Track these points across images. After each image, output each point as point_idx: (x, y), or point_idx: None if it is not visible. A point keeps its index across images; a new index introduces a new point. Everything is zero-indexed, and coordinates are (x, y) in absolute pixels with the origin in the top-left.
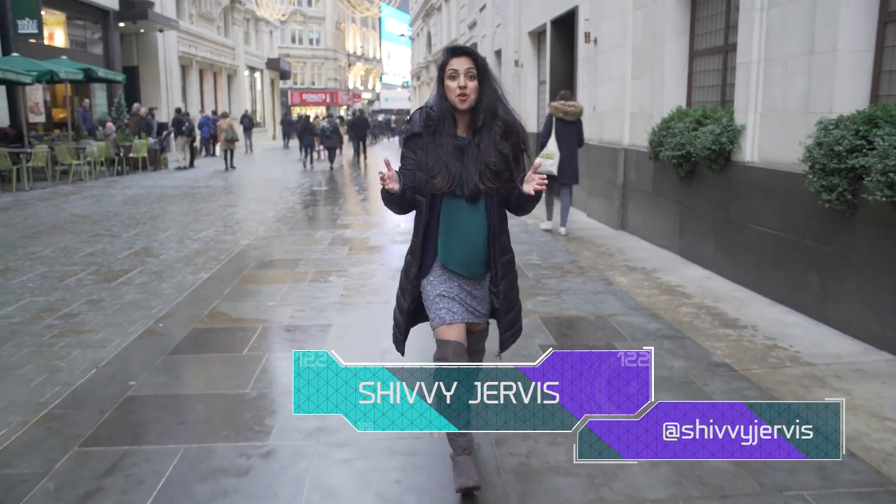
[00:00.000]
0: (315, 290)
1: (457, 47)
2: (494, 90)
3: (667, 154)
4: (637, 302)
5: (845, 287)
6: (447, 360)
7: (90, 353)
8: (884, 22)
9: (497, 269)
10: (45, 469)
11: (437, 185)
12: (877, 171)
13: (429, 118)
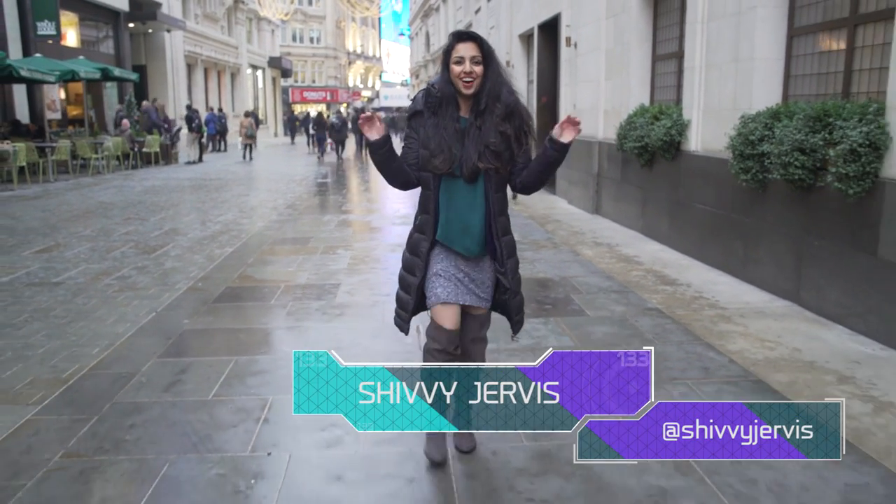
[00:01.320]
0: (326, 260)
1: (463, 32)
2: (499, 74)
3: (629, 145)
4: (597, 268)
5: (760, 250)
6: (440, 342)
7: (147, 302)
8: (790, 36)
9: (501, 248)
10: (136, 370)
11: (438, 165)
12: (774, 156)
13: (429, 96)
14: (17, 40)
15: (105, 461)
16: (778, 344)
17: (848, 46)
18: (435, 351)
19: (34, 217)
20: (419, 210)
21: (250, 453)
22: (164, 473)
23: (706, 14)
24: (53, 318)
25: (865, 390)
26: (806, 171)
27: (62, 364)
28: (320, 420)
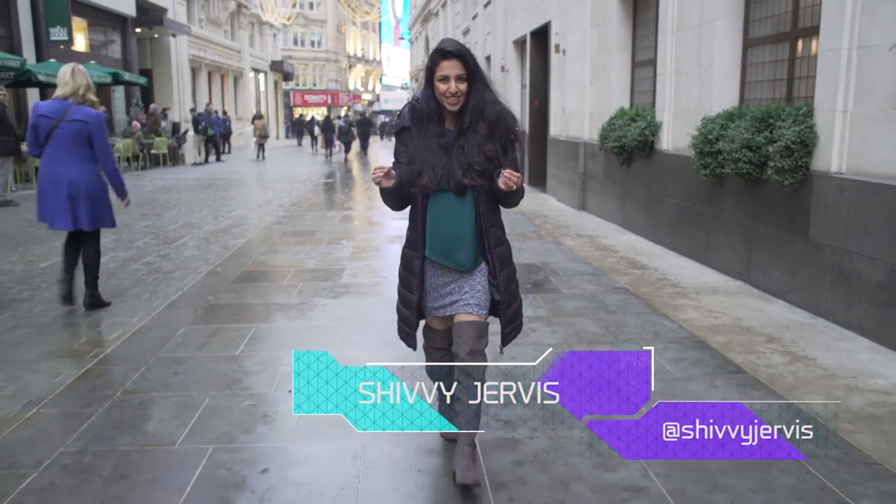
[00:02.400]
0: (331, 249)
1: (447, 50)
2: (483, 89)
3: (609, 145)
4: (576, 255)
5: (719, 238)
6: (435, 341)
7: (174, 283)
8: (745, 46)
9: (493, 260)
10: (172, 334)
11: (425, 183)
12: (727, 152)
13: (414, 111)
14: (31, 45)
15: (157, 396)
16: (723, 314)
17: (790, 56)
18: (433, 348)
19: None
20: (409, 225)
21: (273, 391)
22: (205, 405)
23: (675, 25)
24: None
25: (787, 347)
26: (752, 165)
27: (108, 330)
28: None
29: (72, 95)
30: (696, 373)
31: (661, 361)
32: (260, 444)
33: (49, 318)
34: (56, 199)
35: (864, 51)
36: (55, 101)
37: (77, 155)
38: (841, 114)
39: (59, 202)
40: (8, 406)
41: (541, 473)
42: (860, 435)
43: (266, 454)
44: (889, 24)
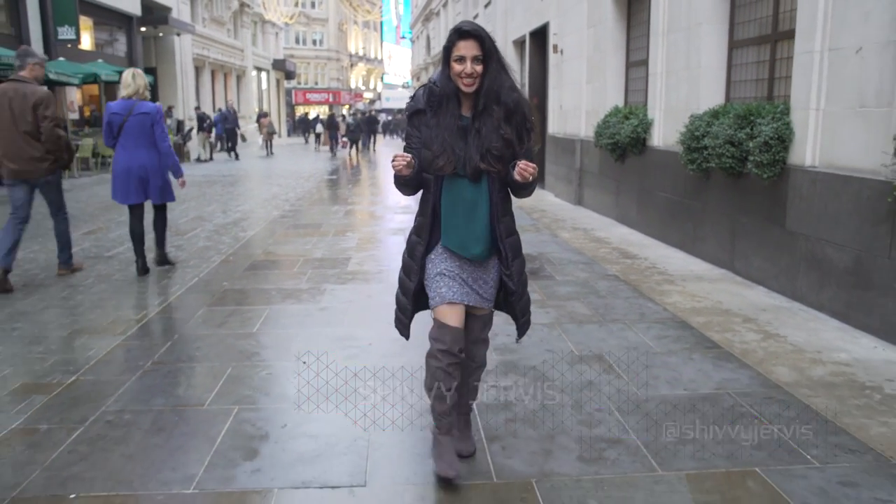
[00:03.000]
0: (337, 240)
1: (464, 29)
2: (499, 72)
3: (604, 142)
4: (571, 246)
5: (705, 229)
6: (444, 342)
7: (189, 271)
8: (731, 48)
9: (506, 250)
10: (192, 315)
11: (442, 166)
12: (711, 148)
13: (431, 94)
14: (40, 43)
15: (184, 366)
16: (705, 299)
17: (771, 58)
18: (439, 352)
19: (72, 207)
20: (419, 211)
21: (289, 363)
22: (228, 374)
23: (666, 27)
24: (115, 281)
25: (761, 327)
26: (734, 160)
27: (133, 311)
28: (342, 344)
29: (134, 94)
30: (675, 348)
31: (644, 339)
32: (279, 406)
33: (76, 301)
34: (128, 180)
35: (834, 53)
36: (122, 100)
37: (143, 143)
38: (814, 111)
39: (130, 183)
40: (50, 374)
41: (530, 429)
42: (817, 399)
43: (285, 413)
44: (856, 29)
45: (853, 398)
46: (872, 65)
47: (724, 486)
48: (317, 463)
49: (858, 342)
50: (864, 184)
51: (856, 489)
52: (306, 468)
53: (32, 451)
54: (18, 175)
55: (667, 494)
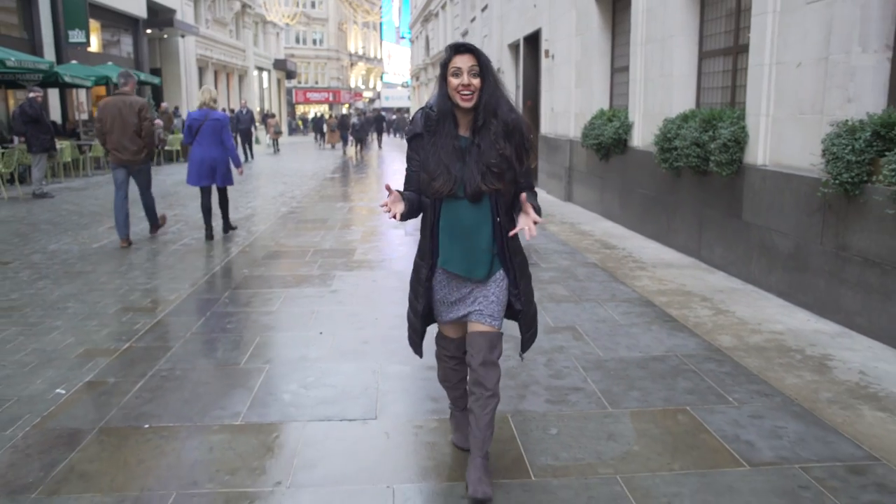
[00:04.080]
0: (343, 234)
1: (460, 44)
2: (496, 88)
3: (590, 142)
4: (557, 238)
5: (678, 221)
6: (448, 349)
7: (211, 259)
8: (701, 58)
9: (515, 269)
10: (219, 297)
11: (439, 187)
12: (680, 148)
13: (428, 118)
14: (52, 46)
15: (219, 336)
16: (671, 282)
17: (733, 68)
18: (445, 357)
19: (91, 204)
20: (421, 233)
21: (308, 333)
22: (256, 342)
23: (644, 38)
24: (146, 268)
25: (715, 305)
26: (699, 159)
27: (167, 293)
28: (352, 319)
29: (204, 104)
30: (638, 321)
31: (612, 314)
32: (303, 363)
33: (115, 285)
34: (201, 168)
35: (780, 66)
36: (199, 109)
37: (214, 141)
38: (764, 117)
39: (203, 170)
40: (106, 343)
41: (509, 380)
42: (749, 359)
43: (308, 369)
44: (796, 46)
45: (778, 358)
46: (808, 78)
47: (659, 419)
48: (336, 404)
49: (795, 316)
50: (801, 181)
51: (761, 420)
52: (328, 407)
53: (108, 393)
54: (122, 163)
55: (613, 424)
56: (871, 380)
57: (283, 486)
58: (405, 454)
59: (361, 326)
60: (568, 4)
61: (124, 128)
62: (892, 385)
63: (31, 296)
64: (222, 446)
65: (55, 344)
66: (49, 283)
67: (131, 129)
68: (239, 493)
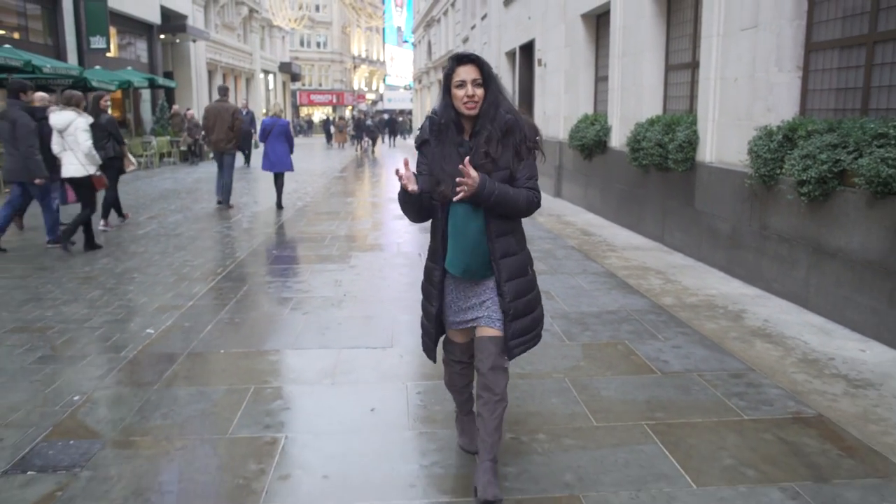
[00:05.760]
0: (356, 223)
1: (463, 55)
2: (497, 96)
3: (575, 143)
4: (543, 228)
5: (647, 212)
6: (454, 354)
7: (243, 243)
8: (667, 70)
9: (499, 271)
10: (257, 270)
11: (443, 192)
12: (646, 149)
13: (433, 123)
14: (75, 52)
15: (263, 297)
16: (635, 261)
17: (691, 80)
18: (452, 361)
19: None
20: (431, 237)
21: (335, 295)
22: (294, 299)
23: (620, 51)
24: (190, 249)
25: (667, 277)
26: (661, 158)
27: (211, 267)
28: (369, 285)
29: (275, 114)
30: (601, 288)
31: (581, 283)
32: (333, 315)
33: (178, 265)
34: (271, 157)
35: (722, 80)
36: (269, 117)
37: (280, 140)
38: (711, 122)
39: (273, 161)
40: (176, 301)
41: None
42: (682, 313)
43: (339, 317)
44: (734, 64)
45: (705, 312)
46: (742, 91)
47: (602, 348)
48: (362, 336)
49: (729, 285)
50: (736, 174)
51: (678, 349)
52: (356, 338)
53: (186, 333)
54: (219, 150)
55: (567, 350)
56: (770, 325)
57: (330, 382)
58: (414, 367)
59: (376, 290)
60: (557, 19)
61: (221, 125)
62: (784, 328)
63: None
64: (282, 362)
65: (136, 302)
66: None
67: (226, 127)
68: (300, 387)
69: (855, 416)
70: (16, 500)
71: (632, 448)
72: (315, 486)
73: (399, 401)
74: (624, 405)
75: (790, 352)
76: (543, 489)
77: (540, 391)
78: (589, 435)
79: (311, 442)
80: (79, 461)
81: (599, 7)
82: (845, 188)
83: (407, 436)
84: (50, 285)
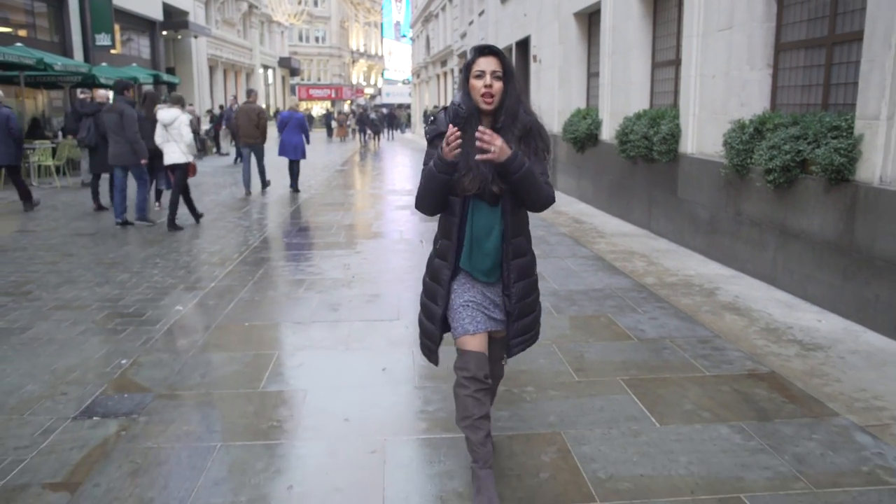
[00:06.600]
0: (359, 213)
1: (485, 46)
2: (517, 92)
3: (568, 137)
4: (537, 216)
5: (634, 201)
6: (468, 370)
7: (255, 231)
8: (653, 67)
9: (509, 271)
10: (271, 256)
11: (467, 186)
12: (633, 141)
13: (457, 115)
14: (80, 50)
15: (280, 278)
16: (622, 246)
17: (675, 76)
18: (465, 380)
19: None
20: (439, 234)
21: (343, 277)
22: (307, 281)
23: (610, 49)
24: (206, 236)
25: (650, 260)
26: (647, 150)
27: (228, 252)
28: (374, 268)
29: (292, 108)
30: (588, 269)
31: (570, 265)
32: (343, 293)
33: (196, 251)
34: (288, 147)
35: (702, 77)
36: (287, 111)
37: (297, 131)
38: (692, 116)
39: (289, 148)
40: (199, 283)
41: None
42: (662, 290)
43: (349, 295)
44: (712, 62)
45: (682, 289)
46: (719, 87)
47: (587, 320)
48: (370, 310)
49: (707, 266)
50: (714, 164)
51: (655, 320)
52: (365, 313)
53: (212, 309)
54: (247, 143)
55: (555, 321)
56: (739, 300)
57: (344, 349)
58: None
59: (382, 272)
60: (552, 17)
61: (249, 123)
62: (752, 302)
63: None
64: (302, 332)
65: (162, 284)
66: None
67: (253, 124)
68: (319, 353)
69: (802, 373)
70: (88, 437)
71: (607, 397)
72: (338, 426)
73: (407, 363)
74: (603, 365)
75: (754, 322)
76: (531, 427)
77: (530, 354)
78: (571, 387)
79: (333, 394)
80: (135, 409)
81: (591, 6)
82: (806, 176)
83: (414, 390)
84: (80, 269)
